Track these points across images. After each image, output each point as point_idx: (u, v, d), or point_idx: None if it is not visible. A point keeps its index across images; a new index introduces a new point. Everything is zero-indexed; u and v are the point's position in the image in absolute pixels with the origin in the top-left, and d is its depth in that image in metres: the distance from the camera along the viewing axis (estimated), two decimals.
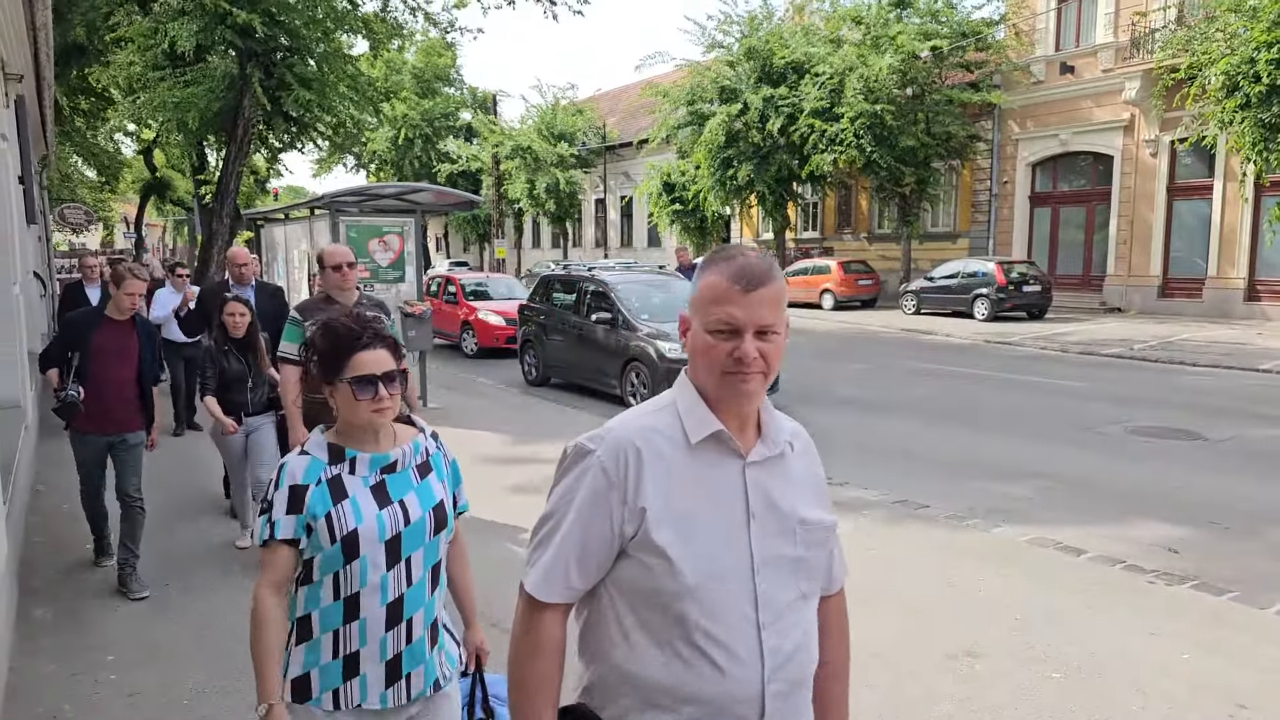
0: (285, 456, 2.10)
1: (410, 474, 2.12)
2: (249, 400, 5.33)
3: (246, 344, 5.33)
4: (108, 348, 4.73)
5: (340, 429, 2.10)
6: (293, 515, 1.99)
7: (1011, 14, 23.19)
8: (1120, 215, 21.65)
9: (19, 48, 7.64)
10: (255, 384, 5.34)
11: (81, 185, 36.58)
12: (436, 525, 2.12)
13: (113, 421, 4.80)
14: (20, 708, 3.61)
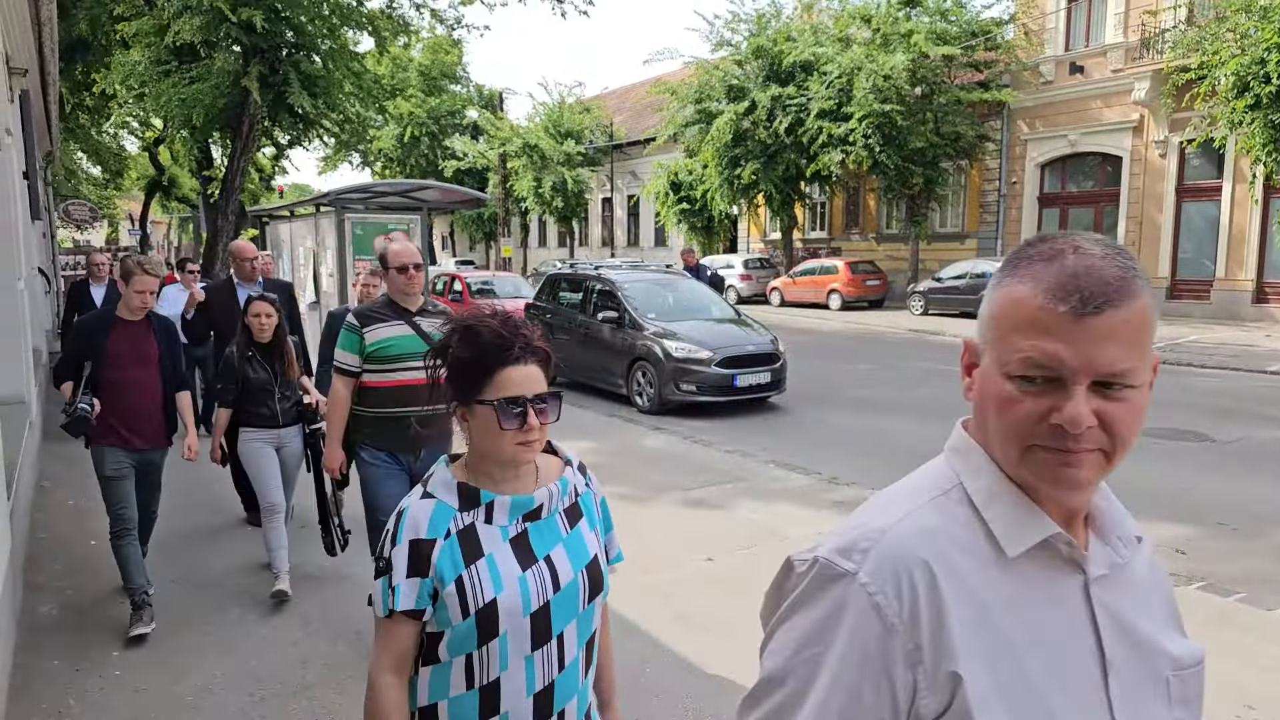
0: (405, 499, 1.67)
1: (558, 521, 1.69)
2: (277, 412, 4.77)
3: (273, 349, 4.76)
4: (124, 352, 4.27)
5: (471, 463, 1.67)
6: (416, 579, 1.57)
7: (1021, 13, 23.10)
8: (1129, 216, 21.56)
9: (23, 42, 7.65)
10: (283, 393, 4.79)
11: (86, 182, 36.69)
12: (591, 589, 1.68)
13: (139, 435, 4.33)
14: (25, 703, 3.60)
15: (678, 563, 5.14)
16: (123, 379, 4.26)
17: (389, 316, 3.79)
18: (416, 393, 3.63)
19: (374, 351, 3.74)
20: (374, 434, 3.84)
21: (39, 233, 11.53)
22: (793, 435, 9.01)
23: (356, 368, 3.78)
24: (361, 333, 3.76)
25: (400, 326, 3.77)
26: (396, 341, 3.76)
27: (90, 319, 4.48)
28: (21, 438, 5.60)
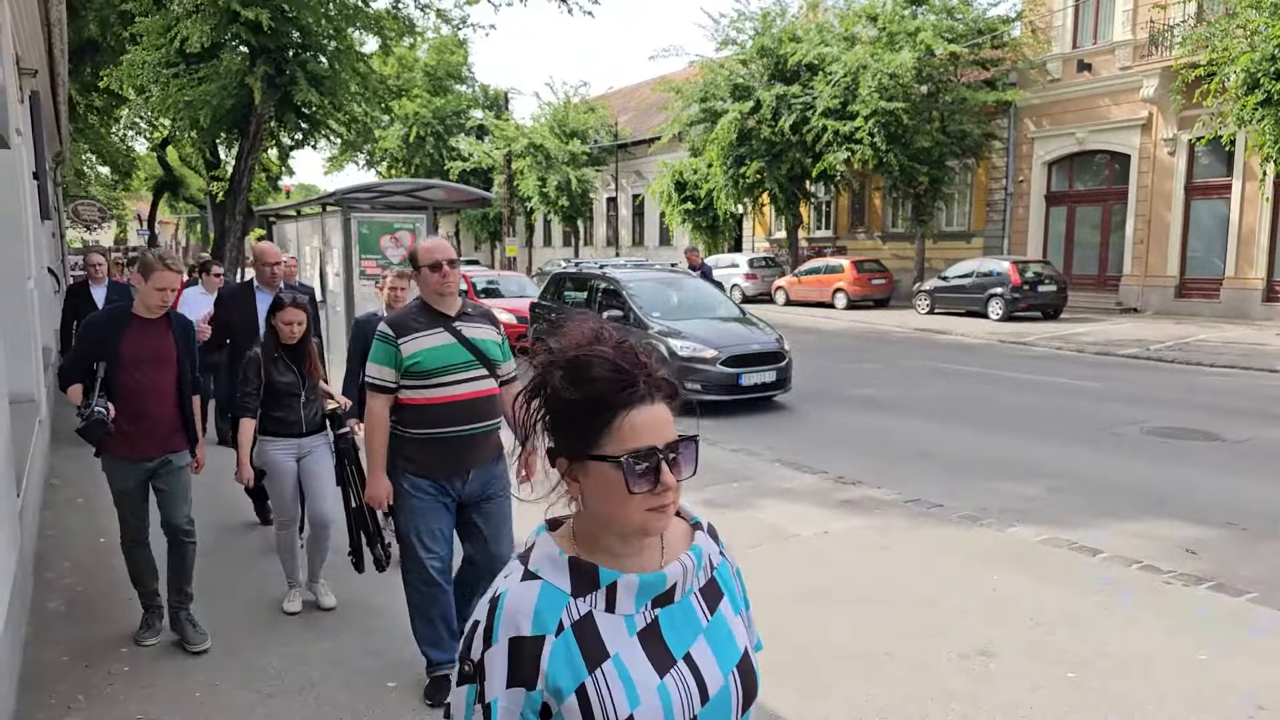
0: (499, 581, 1.25)
1: (694, 605, 1.28)
2: (302, 418, 4.43)
3: (299, 351, 4.44)
4: (140, 354, 3.90)
5: (582, 529, 1.26)
6: (519, 690, 1.16)
7: (1028, 11, 23.03)
8: (1137, 215, 21.47)
9: (33, 43, 7.69)
10: (309, 398, 4.44)
11: (95, 182, 36.85)
12: (745, 696, 1.27)
13: (153, 442, 3.98)
14: (34, 698, 3.62)
15: None
16: (138, 382, 3.89)
17: (426, 324, 3.39)
18: (464, 409, 3.40)
19: (412, 365, 3.36)
20: (416, 459, 3.43)
21: (48, 233, 11.59)
22: (798, 434, 9.00)
23: (393, 383, 3.40)
24: (397, 344, 3.36)
25: (440, 335, 3.40)
26: (437, 352, 3.36)
27: (104, 316, 4.09)
28: (31, 436, 5.63)
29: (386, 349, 3.38)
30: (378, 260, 9.91)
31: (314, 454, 4.50)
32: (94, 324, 3.99)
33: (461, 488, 3.47)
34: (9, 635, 3.57)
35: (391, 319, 3.49)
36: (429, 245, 3.47)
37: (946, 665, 3.89)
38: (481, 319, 3.55)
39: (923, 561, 5.19)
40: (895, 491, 6.62)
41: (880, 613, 4.46)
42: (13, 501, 4.21)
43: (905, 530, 5.76)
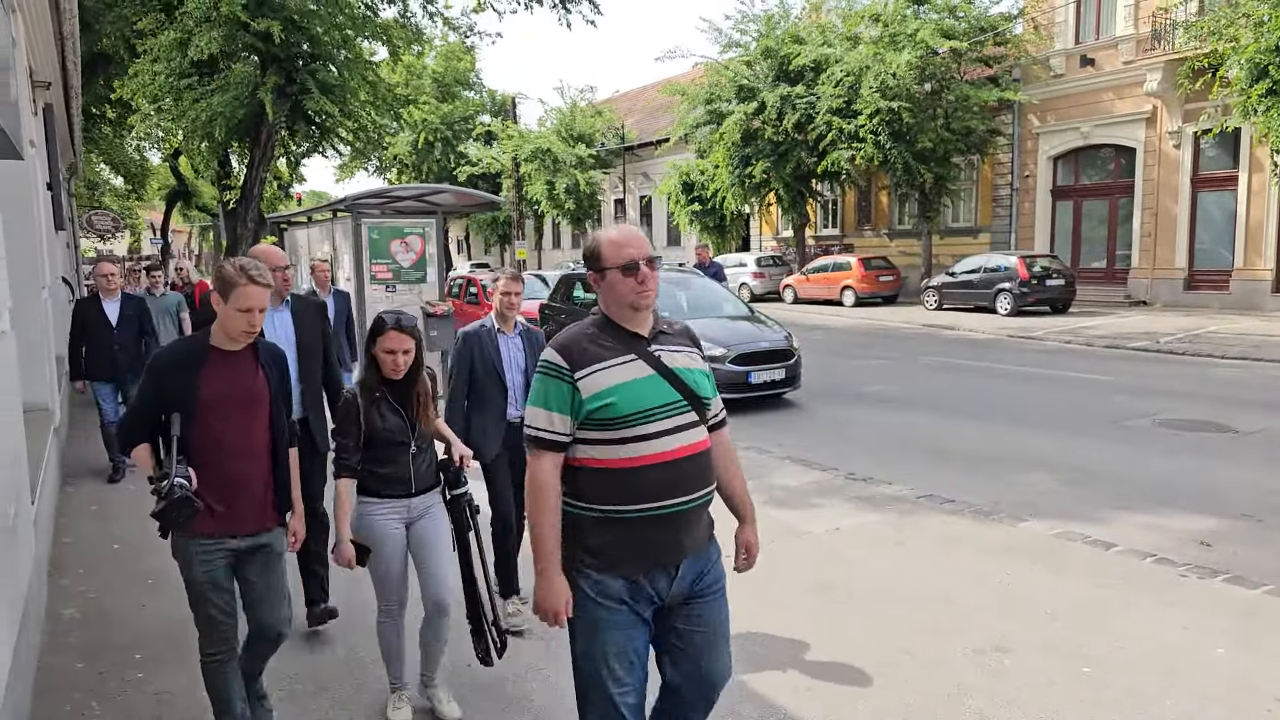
0: None
1: None
2: (411, 474, 3.46)
3: (407, 389, 3.46)
4: (224, 398, 2.97)
5: None
6: None
7: (1030, 8, 22.95)
8: (1144, 208, 21.37)
9: (47, 56, 7.75)
10: (420, 447, 3.49)
11: (109, 193, 37.12)
12: None
13: (243, 515, 3.04)
14: (49, 705, 3.65)
15: None
16: (221, 436, 2.97)
17: (613, 348, 2.38)
18: (672, 473, 2.35)
19: (599, 410, 2.33)
20: (602, 550, 2.40)
21: (62, 243, 11.67)
22: (808, 431, 8.99)
23: (566, 436, 2.38)
24: (574, 378, 2.34)
25: (634, 364, 2.38)
26: (634, 390, 2.35)
27: (175, 352, 3.08)
28: (46, 444, 5.67)
29: (558, 386, 2.35)
30: (388, 265, 9.97)
31: (427, 517, 3.51)
32: (162, 363, 3.02)
33: (667, 588, 2.43)
34: (24, 642, 3.60)
35: (563, 341, 2.43)
36: (619, 237, 2.44)
37: (962, 661, 3.87)
38: (682, 339, 2.58)
39: (936, 557, 5.17)
40: (907, 487, 6.60)
41: (894, 609, 4.45)
42: (28, 508, 4.24)
43: (918, 526, 5.74)
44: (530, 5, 16.47)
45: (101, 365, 7.32)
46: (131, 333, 7.46)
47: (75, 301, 8.56)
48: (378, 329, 3.39)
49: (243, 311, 2.91)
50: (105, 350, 7.29)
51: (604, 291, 2.45)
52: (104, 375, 7.36)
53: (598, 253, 2.45)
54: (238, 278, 2.90)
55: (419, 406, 3.48)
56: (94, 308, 7.42)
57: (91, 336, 7.32)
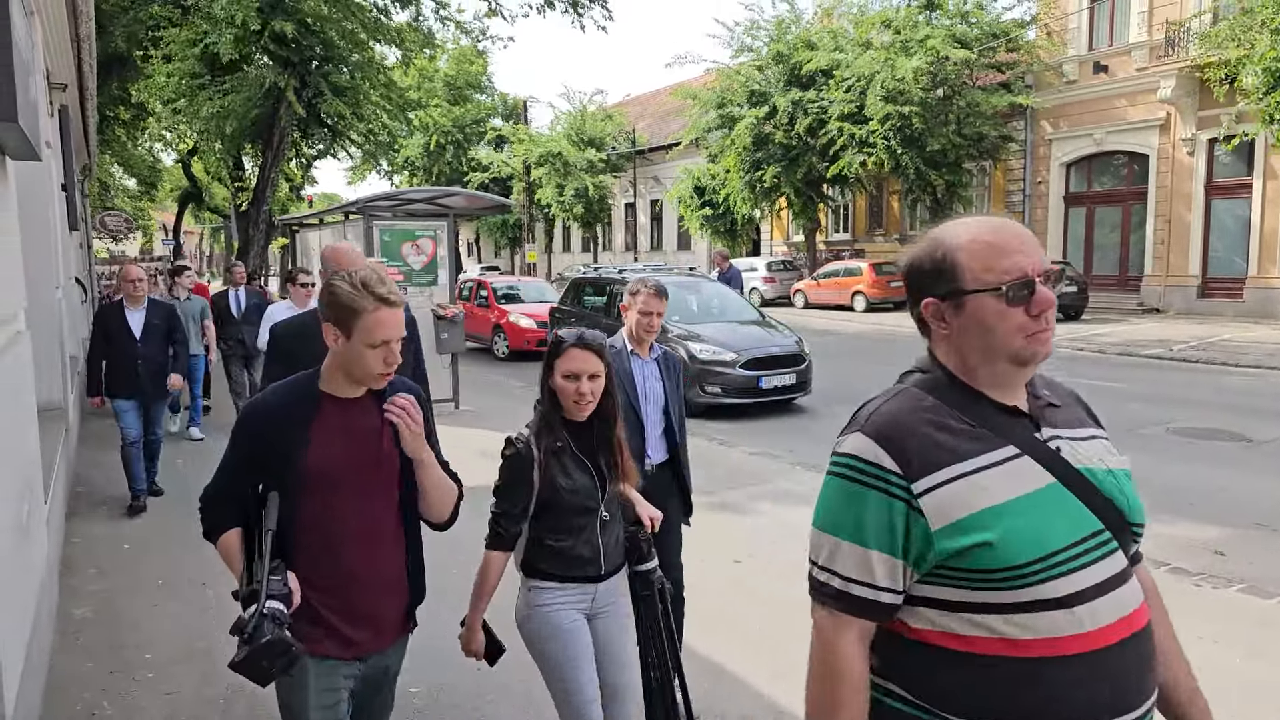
0: None
1: None
2: (601, 550, 2.57)
3: (599, 432, 2.60)
4: (341, 465, 2.15)
5: None
6: None
7: (1043, 14, 22.89)
8: (1157, 215, 21.26)
9: (63, 58, 7.81)
10: (611, 513, 2.60)
11: (122, 194, 37.37)
12: None
13: (368, 627, 2.22)
14: (60, 704, 3.67)
15: (705, 566, 5.12)
16: (340, 520, 2.15)
17: (977, 433, 1.36)
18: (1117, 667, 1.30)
19: (968, 551, 1.28)
20: None
21: (76, 243, 11.75)
22: (819, 437, 8.96)
23: (898, 593, 1.35)
24: (914, 493, 1.31)
25: (1021, 464, 1.34)
26: (1031, 514, 1.31)
27: (274, 402, 2.21)
28: (58, 444, 5.70)
29: (881, 504, 1.33)
30: (399, 267, 10.00)
31: (612, 611, 2.66)
32: (255, 416, 2.19)
33: None
34: (36, 641, 3.61)
35: (881, 420, 1.40)
36: (995, 239, 1.41)
37: None
38: (1076, 408, 1.59)
39: None
40: None
41: None
42: (40, 508, 4.27)
43: None
44: (543, 9, 16.51)
45: (121, 380, 6.49)
46: (157, 345, 6.59)
47: (98, 308, 7.68)
48: (555, 350, 2.57)
49: (376, 346, 2.03)
50: (127, 363, 6.43)
51: (959, 333, 1.42)
52: (124, 391, 6.51)
53: (951, 263, 1.40)
54: (362, 300, 2.02)
55: (615, 457, 2.60)
56: (116, 316, 6.58)
57: (113, 348, 6.50)
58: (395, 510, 2.24)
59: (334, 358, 2.15)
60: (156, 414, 6.80)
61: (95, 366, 6.64)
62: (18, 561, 3.27)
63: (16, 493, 3.42)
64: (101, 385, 6.59)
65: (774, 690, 3.67)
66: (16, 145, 3.50)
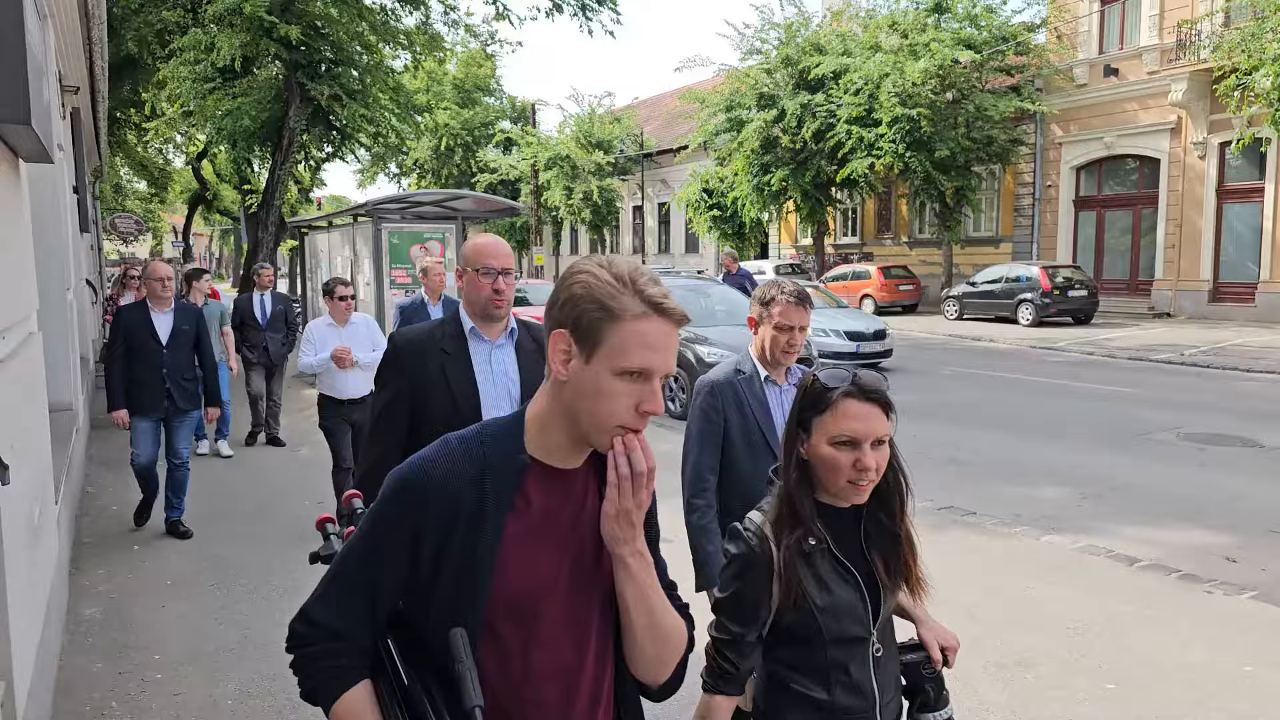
0: None
1: None
2: (874, 687, 1.81)
3: (876, 524, 1.85)
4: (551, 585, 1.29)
5: None
6: None
7: (1053, 17, 22.83)
8: (1168, 219, 21.17)
9: (75, 61, 7.85)
10: (884, 643, 1.87)
11: (132, 196, 37.57)
12: None
13: None
14: (70, 703, 3.67)
15: None
16: (547, 641, 1.31)
17: None
18: None
19: None
20: None
21: (87, 245, 11.82)
22: None
23: None
24: None
25: None
26: None
27: (448, 468, 1.27)
28: (69, 444, 5.72)
29: None
30: (407, 269, 10.01)
31: None
32: (428, 486, 1.27)
33: None
34: (47, 642, 3.62)
35: None
36: None
37: (982, 675, 3.83)
38: None
39: (956, 569, 5.11)
40: (926, 499, 6.54)
41: None
42: (52, 509, 4.28)
43: (937, 538, 5.68)
44: (551, 14, 16.53)
45: (144, 393, 5.71)
46: (185, 353, 5.87)
47: (116, 310, 6.70)
48: (817, 399, 1.75)
49: (632, 377, 1.23)
50: (151, 374, 5.71)
51: None
52: (146, 406, 5.73)
53: None
54: (624, 299, 1.23)
55: (903, 562, 1.87)
56: (139, 319, 5.79)
57: (134, 355, 5.73)
58: (603, 623, 1.37)
59: (553, 397, 1.29)
60: (180, 434, 5.90)
61: (118, 377, 5.73)
62: (29, 562, 3.28)
63: (29, 493, 3.43)
64: (124, 398, 5.71)
65: None
66: (29, 147, 3.51)
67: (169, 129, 18.63)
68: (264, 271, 8.98)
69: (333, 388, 5.67)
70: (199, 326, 6.05)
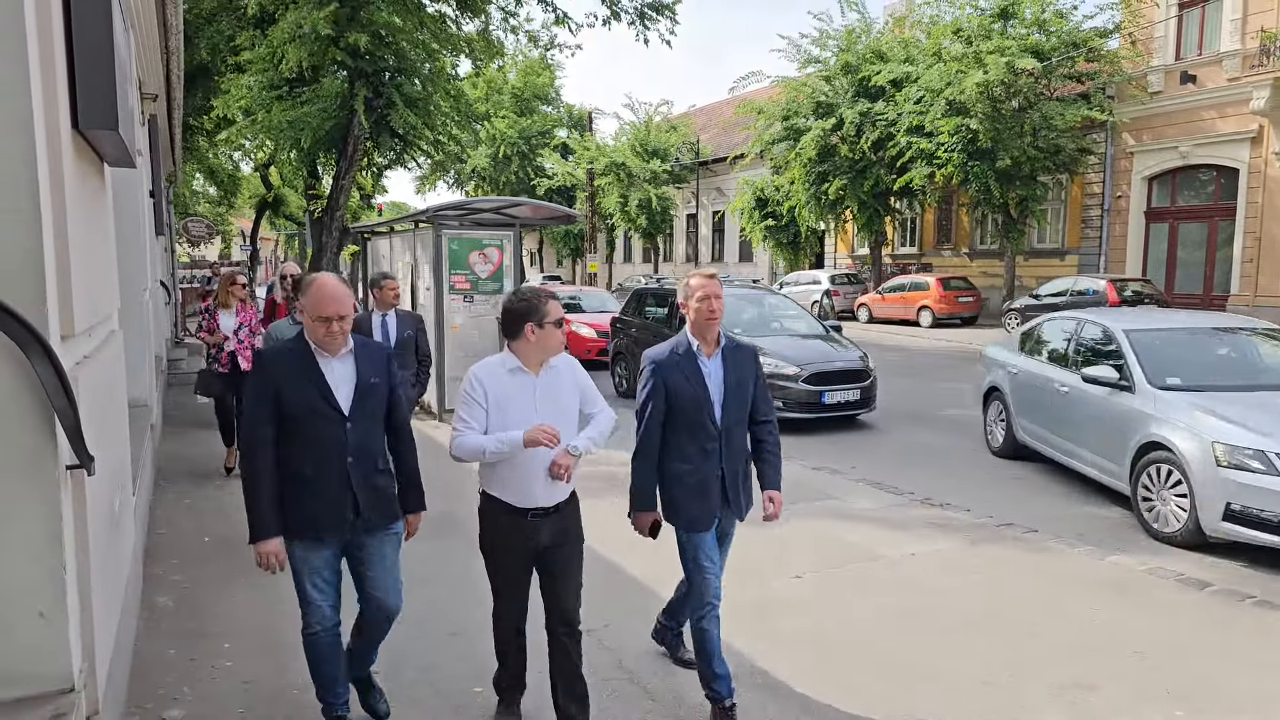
0: None
1: None
2: None
3: None
4: None
5: None
6: None
7: (1127, 22, 22.23)
8: (1246, 231, 20.42)
9: (153, 69, 8.16)
10: None
11: (203, 201, 38.81)
12: None
13: None
14: (145, 687, 3.81)
15: (767, 581, 5.09)
16: None
17: None
18: None
19: None
20: None
21: (162, 248, 12.25)
22: (883, 454, 8.82)
23: None
24: None
25: None
26: None
27: None
28: (144, 438, 5.94)
29: None
30: (466, 275, 10.17)
31: None
32: None
33: None
34: (124, 627, 3.76)
35: None
36: None
37: (1044, 696, 3.74)
38: None
39: (1016, 587, 5.01)
40: (986, 514, 6.42)
41: (972, 638, 4.32)
42: (129, 500, 4.45)
43: (996, 554, 5.57)
44: (609, 22, 16.65)
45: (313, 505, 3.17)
46: (375, 427, 3.32)
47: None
48: None
49: None
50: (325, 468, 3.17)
51: None
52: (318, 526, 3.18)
53: None
54: None
55: None
56: (297, 367, 3.16)
57: (295, 435, 3.14)
58: None
59: None
60: (381, 567, 3.35)
61: (258, 473, 3.13)
62: (109, 549, 3.42)
63: (110, 484, 3.58)
64: (276, 512, 3.13)
65: (842, 709, 3.62)
66: (115, 152, 3.67)
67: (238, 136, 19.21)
68: (388, 284, 6.27)
69: (507, 487, 3.26)
70: (391, 370, 3.38)
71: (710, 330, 3.58)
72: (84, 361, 3.00)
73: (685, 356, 3.58)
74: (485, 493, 3.35)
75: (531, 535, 3.27)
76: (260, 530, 3.12)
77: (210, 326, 7.30)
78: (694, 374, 3.55)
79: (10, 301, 2.22)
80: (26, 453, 2.36)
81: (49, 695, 2.42)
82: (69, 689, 2.45)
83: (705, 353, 3.59)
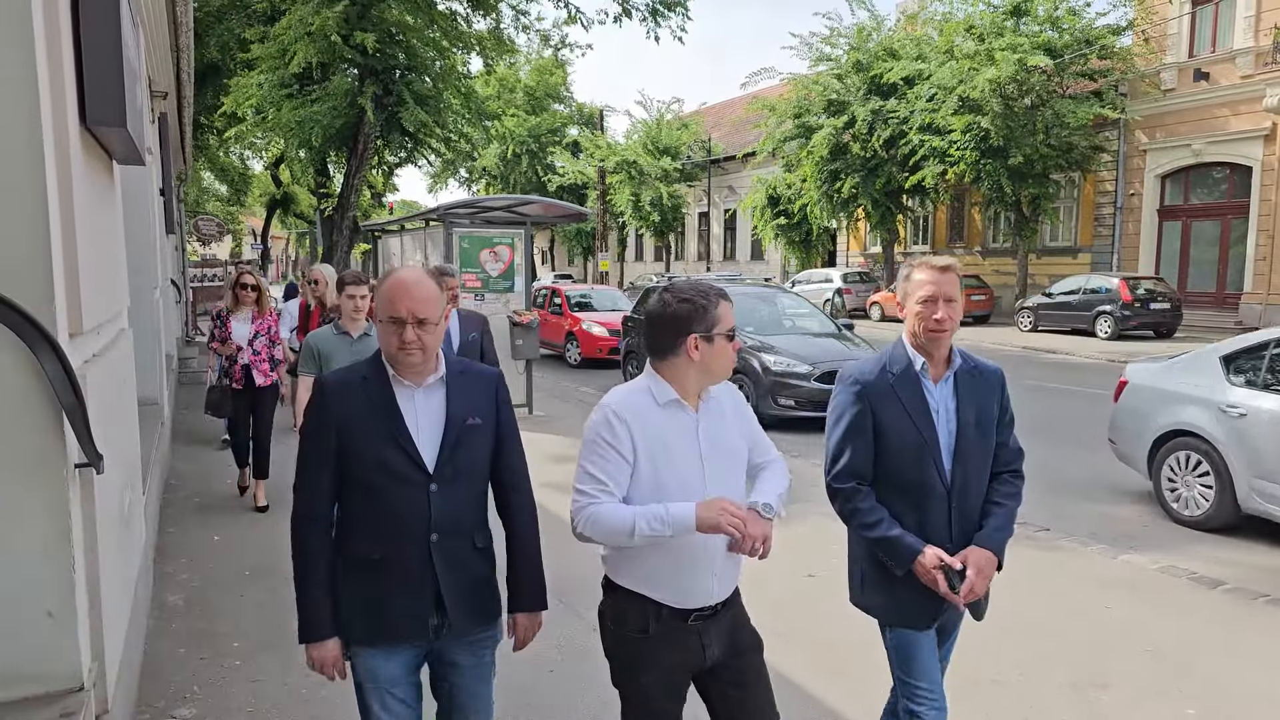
0: None
1: None
2: None
3: None
4: None
5: None
6: None
7: (1140, 19, 22.07)
8: (1259, 229, 20.26)
9: (163, 67, 8.19)
10: None
11: (214, 199, 39.00)
12: None
13: None
14: (155, 685, 3.82)
15: (777, 579, 5.06)
16: None
17: None
18: None
19: None
20: None
21: (172, 246, 12.30)
22: None
23: None
24: None
25: None
26: None
27: None
28: (155, 437, 5.96)
29: None
30: (477, 274, 10.17)
31: None
32: None
33: None
34: (134, 626, 3.77)
35: None
36: None
37: (1057, 695, 3.71)
38: None
39: (1029, 585, 4.97)
40: None
41: (985, 637, 4.28)
42: (139, 498, 4.46)
43: (1009, 553, 5.51)
44: (620, 19, 16.62)
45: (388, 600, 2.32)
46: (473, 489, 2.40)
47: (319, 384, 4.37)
48: None
49: None
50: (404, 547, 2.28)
51: None
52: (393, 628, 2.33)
53: None
54: None
55: None
56: (364, 406, 2.25)
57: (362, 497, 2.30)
58: None
59: None
60: (472, 682, 2.44)
61: (311, 547, 2.42)
62: (119, 548, 3.42)
63: (119, 482, 3.58)
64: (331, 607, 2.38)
65: (850, 704, 3.60)
66: (123, 150, 3.67)
67: (249, 134, 19.27)
68: (449, 280, 4.89)
69: (659, 579, 2.25)
70: (501, 410, 2.44)
71: (939, 347, 2.57)
72: (93, 359, 3.00)
73: (905, 379, 2.55)
74: (616, 585, 2.27)
75: (694, 648, 2.24)
76: (311, 630, 2.29)
77: (223, 336, 6.50)
78: (918, 406, 2.52)
79: (17, 299, 2.22)
80: (35, 451, 2.35)
81: (58, 694, 2.42)
82: (78, 688, 2.45)
83: (932, 376, 2.58)
